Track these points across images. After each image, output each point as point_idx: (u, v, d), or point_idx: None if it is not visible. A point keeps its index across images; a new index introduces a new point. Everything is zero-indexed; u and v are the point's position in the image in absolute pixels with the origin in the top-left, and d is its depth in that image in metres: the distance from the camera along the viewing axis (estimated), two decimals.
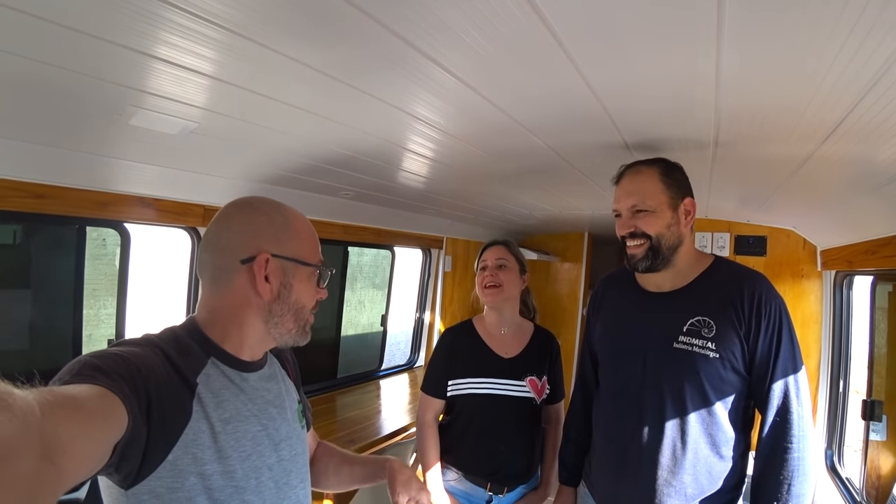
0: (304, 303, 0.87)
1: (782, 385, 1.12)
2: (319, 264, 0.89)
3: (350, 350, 3.56)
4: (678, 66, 0.82)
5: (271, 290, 0.83)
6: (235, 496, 0.75)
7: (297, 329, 0.88)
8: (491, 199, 2.58)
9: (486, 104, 1.06)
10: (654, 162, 1.24)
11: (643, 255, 1.20)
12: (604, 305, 1.43)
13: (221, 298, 0.83)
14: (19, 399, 0.43)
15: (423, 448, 1.61)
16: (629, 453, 1.23)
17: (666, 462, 1.17)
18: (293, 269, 0.85)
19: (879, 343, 2.18)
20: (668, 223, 1.19)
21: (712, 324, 1.16)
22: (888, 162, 1.20)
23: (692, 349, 1.16)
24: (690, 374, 1.15)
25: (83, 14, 0.70)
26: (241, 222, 0.84)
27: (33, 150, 1.37)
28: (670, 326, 1.20)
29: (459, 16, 0.70)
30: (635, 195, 1.21)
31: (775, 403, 1.12)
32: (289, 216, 0.88)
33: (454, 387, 1.59)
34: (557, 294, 4.46)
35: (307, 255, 0.87)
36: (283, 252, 0.84)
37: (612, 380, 1.33)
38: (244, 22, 0.72)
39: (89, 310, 2.34)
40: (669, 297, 1.25)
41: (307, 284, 0.88)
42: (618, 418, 1.29)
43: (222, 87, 0.99)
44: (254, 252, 0.81)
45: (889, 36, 0.64)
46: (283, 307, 0.85)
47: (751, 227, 2.76)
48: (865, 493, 2.02)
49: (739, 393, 1.17)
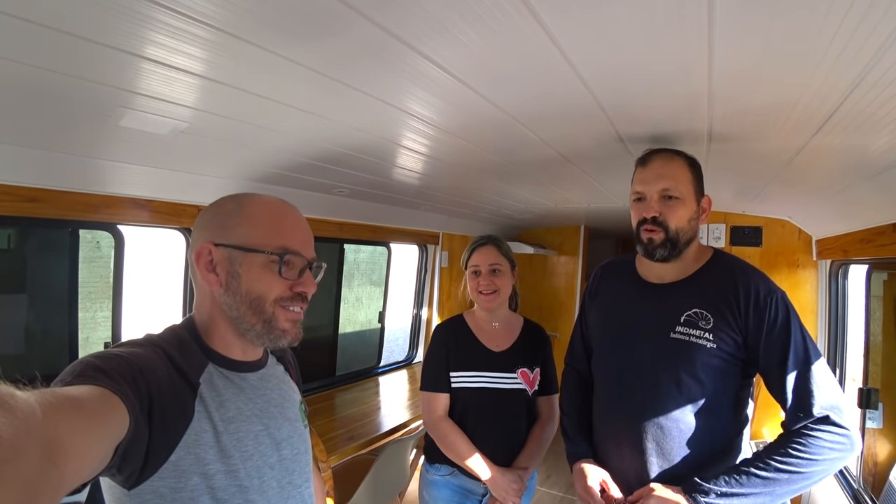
0: (258, 293, 0.79)
1: (797, 377, 1.07)
2: (277, 251, 0.79)
3: (348, 347, 3.57)
4: (670, 58, 0.82)
5: (218, 281, 0.79)
6: (239, 496, 0.75)
7: (262, 325, 0.80)
8: (487, 195, 2.58)
9: (479, 99, 1.06)
10: (681, 153, 1.21)
11: (661, 242, 1.17)
12: (600, 292, 1.41)
13: (197, 298, 0.84)
14: (21, 400, 0.43)
15: (449, 442, 1.55)
16: (622, 442, 1.23)
17: (659, 450, 1.17)
18: (239, 257, 0.79)
19: (875, 331, 2.19)
20: (691, 216, 1.18)
21: (709, 316, 1.15)
22: (881, 151, 1.20)
23: (689, 339, 1.15)
24: (686, 364, 1.15)
25: (70, 16, 0.69)
26: (200, 217, 0.84)
27: (24, 153, 1.36)
28: (668, 317, 1.20)
29: (451, 11, 0.69)
30: (669, 179, 1.16)
31: (792, 398, 1.07)
32: (244, 202, 0.82)
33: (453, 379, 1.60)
34: (554, 287, 4.47)
35: (257, 241, 0.79)
36: (227, 240, 0.79)
37: (607, 367, 1.33)
38: (233, 20, 0.72)
39: (85, 313, 2.33)
40: (668, 288, 1.24)
41: (261, 273, 0.79)
42: (611, 407, 1.29)
43: (212, 87, 0.98)
44: (198, 243, 0.81)
45: (881, 24, 0.64)
46: (235, 299, 0.79)
47: (746, 217, 2.78)
48: (862, 480, 2.04)
49: (733, 382, 1.17)
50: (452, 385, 1.59)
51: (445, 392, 1.59)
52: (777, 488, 1.02)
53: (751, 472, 1.04)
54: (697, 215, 1.20)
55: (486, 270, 1.61)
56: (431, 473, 1.63)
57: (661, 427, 1.17)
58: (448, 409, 1.61)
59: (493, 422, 1.57)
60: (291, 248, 0.81)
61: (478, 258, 1.63)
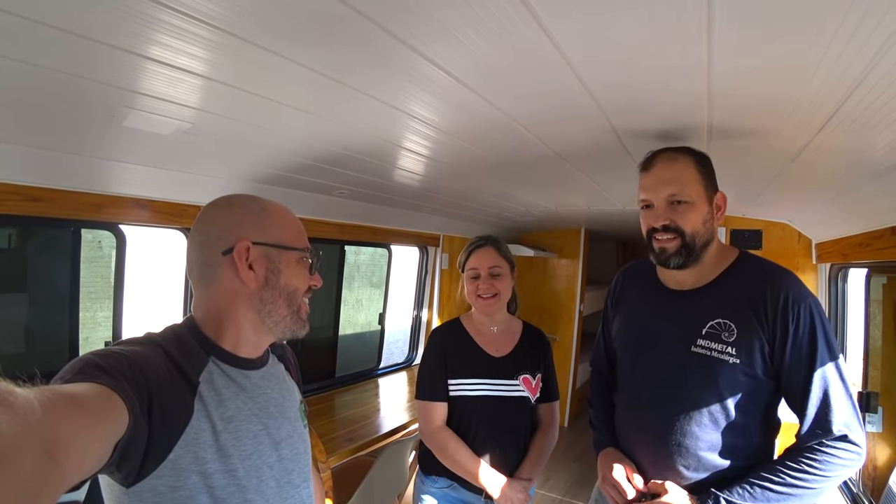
0: (294, 286, 0.86)
1: (820, 394, 1.01)
2: (306, 249, 0.89)
3: (348, 349, 3.56)
4: (670, 59, 0.83)
5: (256, 277, 0.82)
6: (237, 495, 0.75)
7: (291, 315, 0.86)
8: (487, 197, 2.58)
9: (479, 101, 1.06)
10: (686, 150, 1.13)
11: (676, 250, 1.10)
12: (622, 299, 1.36)
13: (212, 296, 0.83)
14: (20, 397, 0.43)
15: (450, 453, 1.46)
16: (641, 458, 1.20)
17: (678, 468, 1.12)
18: (278, 255, 0.84)
19: (874, 335, 2.19)
20: (705, 218, 1.10)
21: (733, 327, 1.08)
22: (882, 152, 1.20)
23: (710, 353, 1.09)
24: (707, 380, 1.08)
25: (75, 16, 0.70)
26: (219, 216, 0.84)
27: (28, 153, 1.36)
28: (689, 328, 1.13)
29: (452, 13, 0.70)
30: (674, 184, 1.09)
31: (813, 413, 1.02)
32: (266, 205, 0.87)
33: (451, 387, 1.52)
34: (555, 290, 4.47)
35: (290, 240, 0.86)
36: (265, 238, 0.83)
37: (629, 379, 1.28)
38: (237, 22, 0.72)
39: (86, 312, 2.33)
40: (690, 295, 1.17)
41: (296, 268, 0.87)
42: (631, 418, 1.26)
43: (215, 87, 0.99)
44: (233, 242, 0.81)
45: (882, 24, 0.64)
46: (273, 293, 0.84)
47: (746, 220, 2.78)
48: (862, 484, 2.04)
49: (761, 398, 1.09)
50: (451, 393, 1.50)
51: (443, 401, 1.51)
52: (789, 502, 1.01)
53: (765, 486, 1.01)
54: (712, 215, 1.12)
55: (485, 273, 1.53)
56: (428, 485, 1.55)
57: (681, 445, 1.12)
58: (446, 418, 1.53)
59: (494, 431, 1.49)
60: (308, 247, 0.90)
61: (476, 260, 1.55)
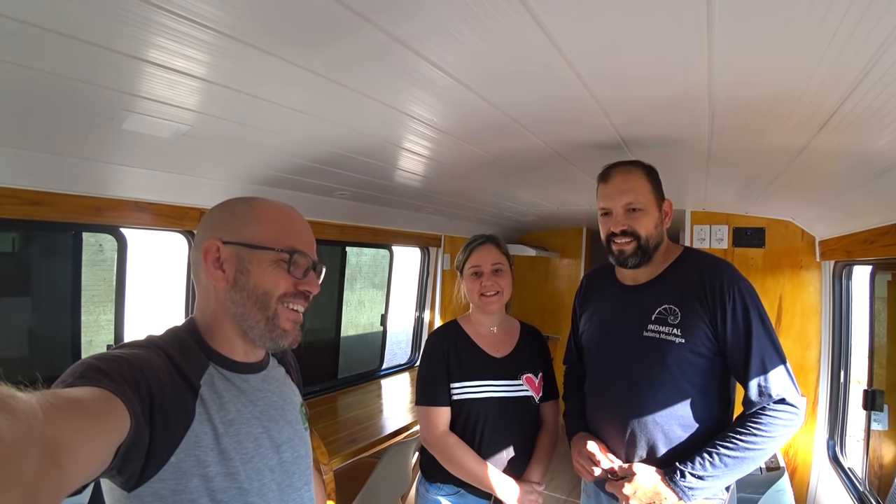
0: (265, 289, 0.81)
1: (759, 363, 1.15)
2: (286, 249, 0.82)
3: (350, 350, 3.57)
4: (669, 57, 0.82)
5: (225, 277, 0.80)
6: (239, 498, 0.75)
7: (265, 322, 0.82)
8: (489, 197, 2.58)
9: (478, 100, 1.06)
10: (638, 163, 1.29)
11: (632, 251, 1.26)
12: (588, 299, 1.51)
13: (201, 297, 0.84)
14: (22, 402, 0.43)
15: (458, 459, 1.43)
16: (607, 438, 1.33)
17: (640, 444, 1.24)
18: (248, 254, 0.81)
19: (879, 333, 2.18)
20: (656, 222, 1.27)
21: (677, 311, 1.23)
22: (884, 150, 1.20)
23: (659, 336, 1.23)
24: (659, 361, 1.22)
25: (74, 19, 0.70)
26: (207, 217, 0.85)
27: (28, 157, 1.36)
28: (641, 316, 1.28)
29: (450, 12, 0.69)
30: (631, 193, 1.25)
31: (755, 381, 1.16)
32: (255, 204, 0.85)
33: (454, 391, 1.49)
34: (557, 290, 4.46)
35: (265, 239, 0.82)
36: (236, 238, 0.81)
37: (594, 367, 1.42)
38: (236, 24, 0.72)
39: (88, 316, 2.34)
40: (641, 288, 1.32)
41: (269, 269, 0.81)
42: (597, 404, 1.38)
43: (214, 90, 0.99)
44: (206, 241, 0.81)
45: (882, 20, 0.64)
46: (242, 295, 0.80)
47: (749, 218, 2.76)
48: (868, 482, 2.03)
49: (712, 374, 1.22)
50: (454, 397, 1.47)
51: (446, 405, 1.47)
52: (744, 464, 1.14)
53: (721, 454, 1.14)
54: (661, 220, 1.29)
55: (488, 271, 1.52)
56: (433, 493, 1.50)
57: (640, 422, 1.24)
58: (449, 423, 1.49)
59: (500, 433, 1.46)
60: (298, 248, 0.84)
61: (478, 258, 1.53)
